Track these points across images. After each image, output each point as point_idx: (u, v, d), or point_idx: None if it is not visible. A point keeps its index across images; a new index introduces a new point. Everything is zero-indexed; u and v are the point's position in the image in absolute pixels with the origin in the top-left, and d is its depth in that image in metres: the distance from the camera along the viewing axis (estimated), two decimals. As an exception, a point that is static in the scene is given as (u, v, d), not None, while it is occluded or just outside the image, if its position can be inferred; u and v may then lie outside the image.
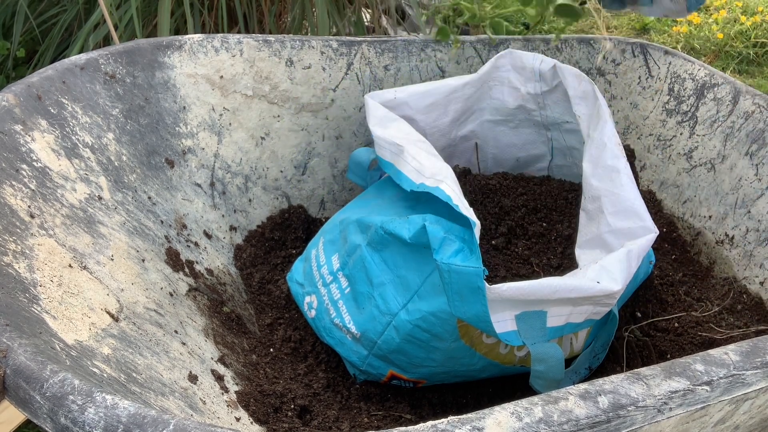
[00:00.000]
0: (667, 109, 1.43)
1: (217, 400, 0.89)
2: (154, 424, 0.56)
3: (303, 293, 1.12)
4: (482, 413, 0.60)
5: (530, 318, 0.94)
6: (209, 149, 1.21)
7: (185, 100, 1.18)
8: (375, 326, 0.98)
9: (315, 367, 1.07)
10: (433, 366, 0.99)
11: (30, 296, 0.73)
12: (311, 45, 1.27)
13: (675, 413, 0.67)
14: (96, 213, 0.95)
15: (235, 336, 1.08)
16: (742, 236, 1.22)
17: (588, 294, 0.91)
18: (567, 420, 0.61)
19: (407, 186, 1.00)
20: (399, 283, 0.97)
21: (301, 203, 1.34)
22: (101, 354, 0.75)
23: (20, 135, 0.90)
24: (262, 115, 1.26)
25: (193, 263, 1.10)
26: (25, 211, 0.83)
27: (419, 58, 1.36)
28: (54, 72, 1.01)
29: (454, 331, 0.95)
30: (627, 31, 3.60)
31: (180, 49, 1.17)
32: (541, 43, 1.44)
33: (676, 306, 1.19)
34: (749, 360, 0.71)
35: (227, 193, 1.24)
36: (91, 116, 1.03)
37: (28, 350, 0.62)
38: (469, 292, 0.86)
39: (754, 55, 3.18)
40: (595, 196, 1.05)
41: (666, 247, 1.33)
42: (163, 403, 0.76)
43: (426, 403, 1.04)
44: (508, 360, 1.01)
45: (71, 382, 0.59)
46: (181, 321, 0.97)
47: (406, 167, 1.02)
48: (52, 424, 0.58)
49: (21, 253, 0.78)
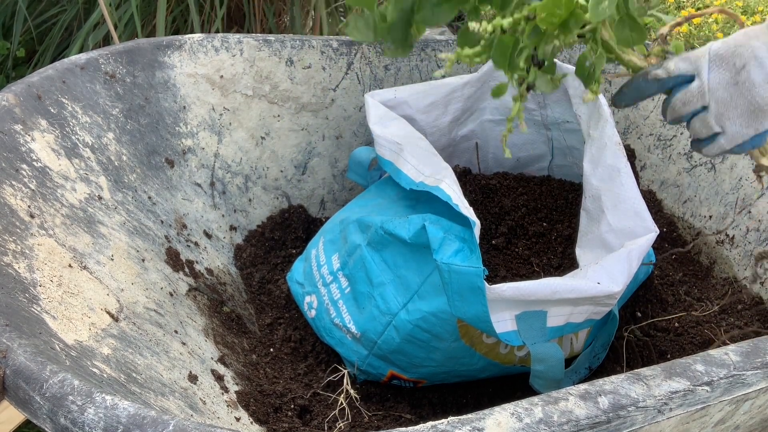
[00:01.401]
0: (667, 109, 1.42)
1: (217, 400, 0.89)
2: (154, 425, 0.56)
3: (303, 293, 1.12)
4: (482, 413, 0.60)
5: (530, 318, 0.94)
6: (209, 149, 1.21)
7: (185, 100, 1.18)
8: (375, 326, 0.98)
9: (315, 367, 1.06)
10: (433, 366, 0.99)
11: (30, 296, 0.73)
12: (311, 45, 1.27)
13: (675, 413, 0.67)
14: (96, 213, 0.95)
15: (235, 336, 1.08)
16: (743, 236, 1.22)
17: (588, 294, 0.91)
18: (567, 420, 0.61)
19: (406, 184, 1.00)
20: (399, 283, 0.97)
21: (301, 203, 1.34)
22: (101, 354, 0.75)
23: (20, 135, 0.90)
24: (262, 114, 1.26)
25: (193, 263, 1.10)
26: (25, 211, 0.83)
27: (419, 58, 1.36)
28: (54, 72, 1.01)
29: (454, 331, 0.95)
30: (627, 31, 3.60)
31: (180, 48, 1.17)
32: (542, 42, 1.44)
33: (676, 306, 1.19)
34: (749, 360, 0.71)
35: (227, 192, 1.24)
36: (91, 116, 1.03)
37: (28, 350, 0.62)
38: (469, 292, 0.86)
39: (755, 54, 3.17)
40: (595, 196, 1.05)
41: (666, 247, 1.33)
42: (163, 403, 0.76)
43: (426, 403, 1.04)
44: (508, 360, 1.01)
45: (71, 383, 0.59)
46: (181, 321, 0.97)
47: (406, 166, 1.02)
48: (52, 424, 0.58)
49: (21, 253, 0.78)
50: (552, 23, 0.79)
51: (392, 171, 1.05)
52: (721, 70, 0.74)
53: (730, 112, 0.75)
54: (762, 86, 0.73)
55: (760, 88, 0.73)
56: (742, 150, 0.79)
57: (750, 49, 0.73)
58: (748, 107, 0.74)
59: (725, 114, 0.75)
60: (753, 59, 0.72)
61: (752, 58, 0.72)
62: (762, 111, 0.74)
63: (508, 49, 0.84)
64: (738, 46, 0.73)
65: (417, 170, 0.99)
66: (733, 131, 0.76)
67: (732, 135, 0.76)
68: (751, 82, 0.73)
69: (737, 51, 0.73)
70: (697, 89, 0.76)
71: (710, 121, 0.76)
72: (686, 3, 3.66)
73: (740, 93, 0.74)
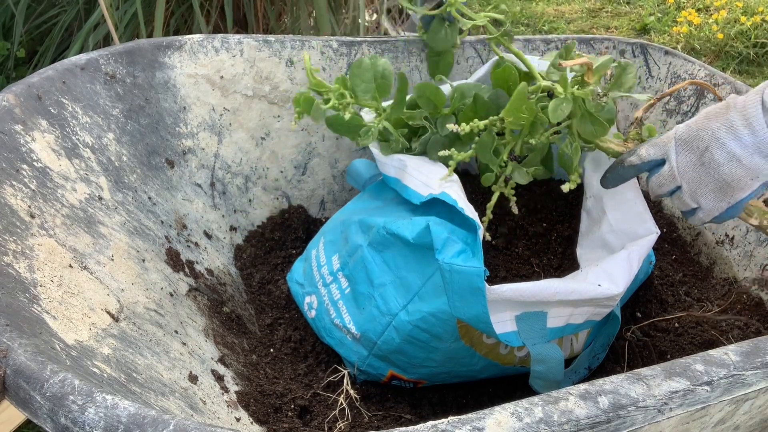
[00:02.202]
0: (667, 109, 1.43)
1: (217, 400, 0.89)
2: (154, 424, 0.56)
3: (303, 293, 1.12)
4: (482, 413, 0.60)
5: (530, 319, 0.94)
6: (209, 149, 1.21)
7: (185, 101, 1.18)
8: (375, 327, 0.98)
9: (315, 367, 1.07)
10: (433, 366, 0.99)
11: (30, 296, 0.74)
12: (311, 45, 1.27)
13: (675, 413, 0.67)
14: (96, 213, 0.95)
15: (235, 336, 1.08)
16: (742, 236, 1.22)
17: (589, 296, 0.91)
18: (567, 420, 0.61)
19: (415, 200, 0.99)
20: (400, 284, 0.97)
21: (301, 203, 1.34)
22: (101, 354, 0.75)
23: (20, 135, 0.90)
24: (262, 115, 1.26)
25: (193, 263, 1.11)
26: (25, 211, 0.83)
27: (419, 58, 1.36)
28: (54, 72, 1.01)
29: (454, 331, 0.95)
30: (627, 32, 3.60)
31: (180, 49, 1.17)
32: (542, 43, 1.44)
33: (676, 306, 1.19)
34: (749, 360, 0.71)
35: (227, 193, 1.24)
36: (92, 116, 1.03)
37: (28, 350, 0.62)
38: (469, 292, 0.86)
39: (754, 55, 3.18)
40: (596, 196, 1.05)
41: (666, 247, 1.33)
42: (163, 403, 0.76)
43: (426, 403, 1.04)
44: (508, 360, 1.01)
45: (71, 382, 0.59)
46: (181, 321, 0.97)
47: (413, 182, 1.02)
48: (52, 424, 0.58)
49: (21, 253, 0.78)
50: (519, 125, 0.88)
51: (399, 188, 1.05)
52: (687, 153, 0.80)
53: (701, 189, 0.81)
54: (726, 164, 0.78)
55: (725, 166, 0.78)
56: (721, 220, 0.85)
57: (710, 132, 0.78)
58: (717, 184, 0.80)
59: (698, 191, 0.81)
60: (714, 141, 0.78)
61: (713, 140, 0.78)
62: (730, 186, 0.79)
63: (489, 146, 0.98)
64: (699, 129, 0.79)
65: (424, 184, 0.99)
66: (709, 206, 0.82)
67: (708, 209, 0.82)
68: (715, 162, 0.78)
69: (699, 135, 0.79)
70: (668, 172, 0.82)
71: (686, 199, 0.83)
72: (686, 3, 3.66)
73: (707, 172, 0.80)
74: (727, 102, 0.80)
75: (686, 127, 0.81)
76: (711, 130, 0.79)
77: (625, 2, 3.96)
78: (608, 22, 3.75)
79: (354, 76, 1.06)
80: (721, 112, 0.79)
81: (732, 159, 0.78)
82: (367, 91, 1.06)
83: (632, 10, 3.86)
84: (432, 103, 1.06)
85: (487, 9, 1.27)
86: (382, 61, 1.06)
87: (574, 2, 4.00)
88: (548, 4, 3.98)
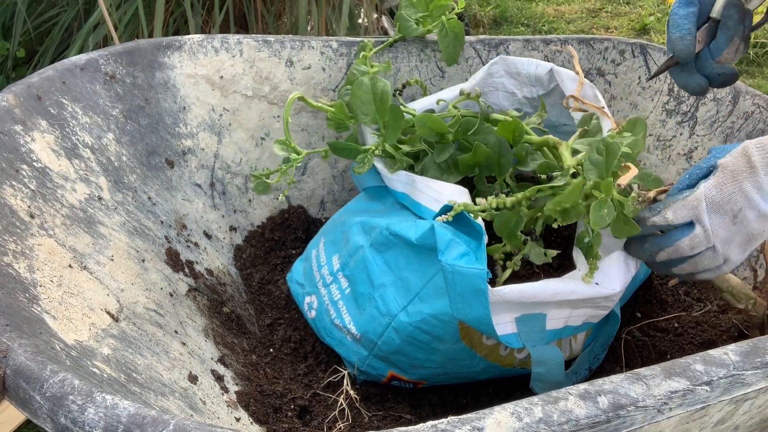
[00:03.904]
0: (666, 110, 1.43)
1: (217, 400, 0.89)
2: (154, 424, 0.56)
3: (303, 293, 1.12)
4: (482, 413, 0.60)
5: (530, 320, 0.94)
6: (209, 149, 1.21)
7: (185, 101, 1.18)
8: (375, 327, 0.98)
9: (315, 367, 1.07)
10: (434, 367, 0.99)
11: (30, 296, 0.74)
12: (311, 45, 1.27)
13: (675, 413, 0.67)
14: (96, 213, 0.95)
15: (235, 336, 1.08)
16: (742, 236, 1.22)
17: (587, 296, 0.91)
18: (567, 420, 0.61)
19: (428, 217, 0.98)
20: (400, 285, 0.97)
21: (301, 203, 1.34)
22: (101, 354, 0.75)
23: (20, 135, 0.90)
24: (262, 115, 1.26)
25: (193, 263, 1.11)
26: (25, 211, 0.84)
27: (419, 59, 1.36)
28: (54, 72, 1.01)
29: (454, 332, 0.95)
30: (627, 32, 3.60)
31: (180, 49, 1.17)
32: (541, 43, 1.44)
33: (675, 306, 1.20)
34: (749, 360, 0.71)
35: (227, 193, 1.24)
36: (91, 116, 1.03)
37: (28, 350, 0.62)
38: (471, 294, 0.86)
39: (754, 55, 3.18)
40: (595, 197, 1.05)
41: (666, 248, 1.33)
42: (163, 403, 0.76)
43: (426, 404, 1.04)
44: (508, 362, 1.01)
45: (71, 382, 0.59)
46: (181, 321, 0.97)
47: (424, 198, 1.01)
48: (52, 424, 0.58)
49: (21, 253, 0.78)
50: (556, 211, 0.90)
51: (409, 204, 1.05)
52: (721, 215, 0.85)
53: (731, 246, 0.87)
54: (755, 221, 0.85)
55: (754, 222, 0.85)
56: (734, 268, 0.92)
57: (743, 194, 0.84)
58: (744, 238, 0.87)
59: (728, 248, 0.87)
60: (747, 203, 0.84)
61: (746, 202, 0.84)
62: (755, 238, 0.87)
63: (510, 223, 0.97)
64: (732, 193, 0.84)
65: (435, 200, 0.99)
66: (735, 259, 0.89)
67: (733, 262, 0.90)
68: (747, 220, 0.85)
69: (732, 198, 0.84)
70: (702, 235, 0.86)
71: (718, 258, 0.87)
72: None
73: (738, 230, 0.86)
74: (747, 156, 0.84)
75: (717, 189, 0.84)
76: (743, 193, 0.84)
77: (625, 2, 3.96)
78: (608, 22, 3.75)
79: (354, 97, 1.07)
80: (746, 170, 0.84)
81: (760, 216, 0.85)
82: (367, 113, 1.08)
83: (632, 10, 3.86)
84: (434, 133, 1.08)
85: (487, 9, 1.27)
86: (381, 83, 1.06)
87: (573, 2, 4.00)
88: (548, 4, 3.98)
